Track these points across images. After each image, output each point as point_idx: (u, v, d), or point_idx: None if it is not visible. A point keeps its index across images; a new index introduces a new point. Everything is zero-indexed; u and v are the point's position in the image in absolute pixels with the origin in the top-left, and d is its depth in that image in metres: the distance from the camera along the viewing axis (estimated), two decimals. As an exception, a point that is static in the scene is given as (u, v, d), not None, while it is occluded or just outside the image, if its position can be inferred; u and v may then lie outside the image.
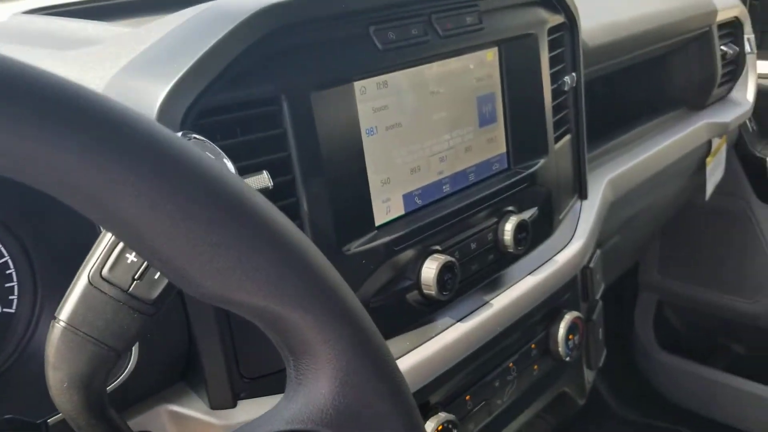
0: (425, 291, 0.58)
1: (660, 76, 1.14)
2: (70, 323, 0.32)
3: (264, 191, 0.49)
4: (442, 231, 0.61)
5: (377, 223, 0.57)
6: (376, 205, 0.57)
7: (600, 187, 0.86)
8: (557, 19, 0.74)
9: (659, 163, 1.00)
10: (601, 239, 1.00)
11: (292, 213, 0.51)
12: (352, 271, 0.54)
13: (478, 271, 0.65)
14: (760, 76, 1.32)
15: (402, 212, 0.60)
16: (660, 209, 1.22)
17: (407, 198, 0.60)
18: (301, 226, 0.51)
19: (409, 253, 0.58)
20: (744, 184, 1.33)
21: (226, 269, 0.25)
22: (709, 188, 1.17)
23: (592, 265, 0.78)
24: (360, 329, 0.28)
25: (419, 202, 0.61)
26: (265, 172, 0.48)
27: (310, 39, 0.52)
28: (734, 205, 1.36)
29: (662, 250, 1.48)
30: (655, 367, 1.53)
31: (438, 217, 0.60)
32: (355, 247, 0.54)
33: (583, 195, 0.82)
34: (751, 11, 1.29)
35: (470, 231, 0.64)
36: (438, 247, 0.60)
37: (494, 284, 0.67)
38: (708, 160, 1.16)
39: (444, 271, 0.58)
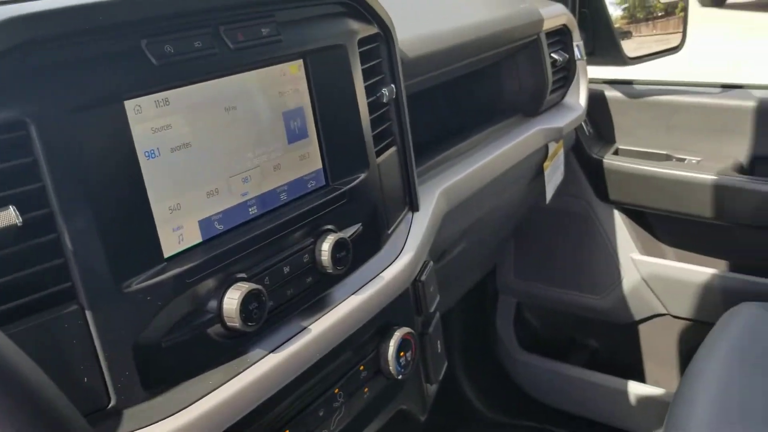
0: (228, 323, 0.54)
1: (494, 84, 1.16)
2: None
3: (12, 229, 0.43)
4: (249, 256, 0.57)
5: (166, 254, 0.52)
6: (163, 235, 0.52)
7: (433, 198, 0.85)
8: (369, 29, 0.72)
9: (495, 170, 1.01)
10: (444, 248, 1.00)
11: (54, 251, 0.45)
12: (135, 309, 0.49)
13: (295, 296, 0.62)
14: (591, 81, 1.39)
15: (199, 240, 0.55)
16: (505, 214, 1.25)
17: (205, 224, 0.56)
18: (65, 266, 0.46)
19: (208, 284, 0.54)
20: (584, 185, 1.39)
21: None
22: (549, 191, 1.21)
23: (423, 278, 0.77)
24: None
25: (220, 228, 0.57)
26: (11, 208, 0.43)
27: (69, 55, 0.46)
28: (577, 206, 1.41)
29: (517, 253, 1.52)
30: (518, 367, 1.56)
31: (242, 242, 0.56)
32: (138, 282, 0.49)
33: (414, 207, 0.81)
34: (581, 19, 1.35)
35: (283, 254, 0.60)
36: (243, 275, 0.56)
37: (314, 308, 0.63)
38: (545, 164, 1.19)
39: (248, 300, 0.54)
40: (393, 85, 0.75)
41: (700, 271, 1.31)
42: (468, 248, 1.13)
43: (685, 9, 1.54)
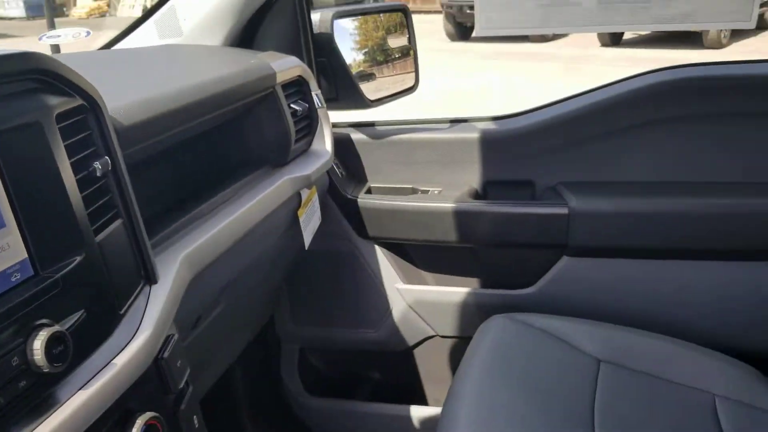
0: None
1: (237, 138, 1.16)
2: None
3: None
4: None
5: None
6: None
7: (174, 266, 0.82)
8: (71, 102, 0.68)
9: (245, 225, 1.01)
10: (198, 313, 0.97)
11: None
12: None
13: (6, 405, 0.55)
14: (338, 125, 1.45)
15: None
16: (267, 266, 1.24)
17: None
18: None
19: None
20: (345, 225, 1.44)
21: None
22: (307, 238, 1.23)
23: (166, 354, 0.73)
24: None
25: None
26: None
27: None
28: (342, 245, 1.46)
29: (292, 300, 1.53)
30: (308, 413, 1.56)
31: None
32: None
33: (151, 279, 0.77)
34: (321, 67, 1.41)
35: None
36: None
37: (34, 414, 0.57)
38: (300, 212, 1.21)
39: None
40: (107, 157, 0.72)
41: (456, 291, 1.41)
42: (231, 307, 1.11)
43: (414, 52, 1.69)
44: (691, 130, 1.28)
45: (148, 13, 1.33)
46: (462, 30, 10.72)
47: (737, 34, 9.08)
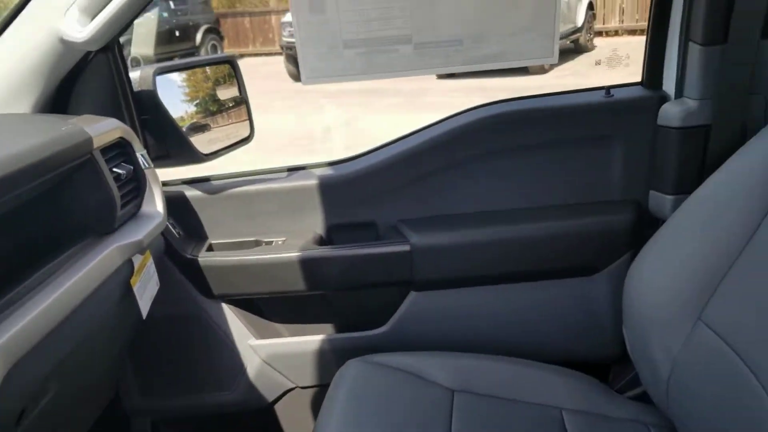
0: None
1: (57, 211, 1.08)
2: None
3: None
4: None
5: None
6: None
7: None
8: None
9: (67, 305, 0.93)
10: (22, 405, 0.88)
11: None
12: None
13: None
14: (169, 183, 1.40)
15: None
16: (103, 341, 1.16)
17: None
18: None
19: None
20: (187, 286, 1.38)
21: None
22: (144, 307, 1.17)
23: None
24: None
25: None
26: None
27: None
28: (187, 308, 1.40)
29: (137, 372, 1.44)
30: None
31: None
32: None
33: None
34: (146, 125, 1.35)
35: None
36: None
37: None
38: (133, 280, 1.15)
39: None
40: None
41: (310, 340, 1.40)
42: (65, 390, 1.02)
43: (246, 102, 1.67)
44: (512, 160, 1.36)
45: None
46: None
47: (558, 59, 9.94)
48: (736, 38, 1.15)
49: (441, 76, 9.74)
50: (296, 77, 10.97)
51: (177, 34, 11.85)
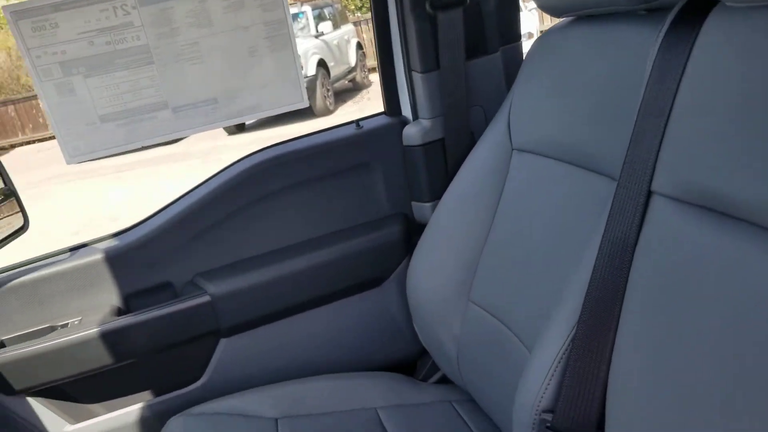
0: None
1: None
2: None
3: None
4: None
5: None
6: None
7: None
8: None
9: None
10: None
11: None
12: None
13: None
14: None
15: None
16: None
17: None
18: None
19: None
20: None
21: None
22: None
23: None
24: None
25: None
26: None
27: None
28: None
29: None
30: None
31: None
32: None
33: None
34: None
35: None
36: None
37: None
38: None
39: None
40: None
41: (130, 411, 1.40)
42: None
43: (16, 195, 1.63)
44: (288, 198, 1.48)
45: None
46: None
47: (341, 100, 10.45)
48: (446, 63, 1.37)
49: (231, 132, 9.78)
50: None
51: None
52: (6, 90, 14.18)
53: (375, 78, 12.86)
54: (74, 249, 1.43)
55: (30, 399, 1.36)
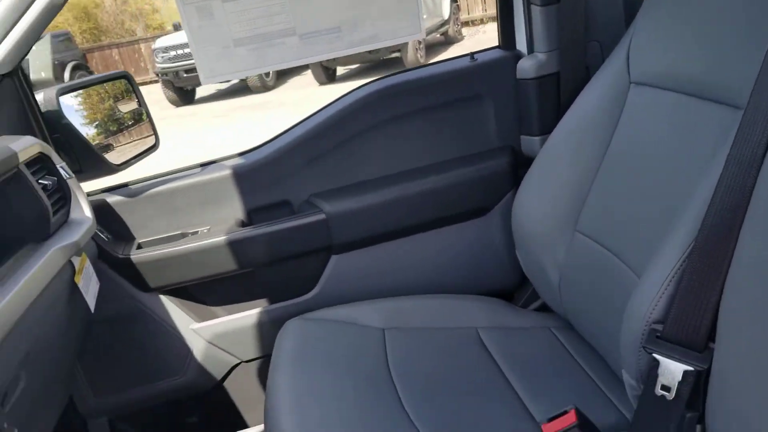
0: None
1: None
2: None
3: None
4: None
5: None
6: None
7: None
8: None
9: (23, 301, 1.02)
10: (6, 390, 0.97)
11: None
12: None
13: None
14: (90, 194, 1.49)
15: None
16: (59, 338, 1.24)
17: None
18: None
19: None
20: (124, 284, 1.48)
21: None
22: (91, 302, 1.26)
23: None
24: None
25: None
26: None
27: None
28: (126, 305, 1.49)
29: (88, 374, 1.51)
30: None
31: None
32: None
33: None
34: (58, 144, 1.43)
35: None
36: None
37: None
38: (77, 278, 1.24)
39: None
40: None
41: (247, 315, 1.53)
42: (32, 383, 1.11)
43: (148, 114, 1.77)
44: (399, 128, 1.55)
45: None
46: (184, 94, 10.71)
47: (432, 53, 10.38)
48: None
49: (322, 82, 9.94)
50: (176, 102, 10.78)
51: (43, 75, 11.37)
52: (111, 34, 14.83)
53: (467, 31, 12.64)
54: (205, 165, 1.55)
55: (162, 297, 1.51)
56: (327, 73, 9.96)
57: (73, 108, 1.57)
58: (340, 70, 10.62)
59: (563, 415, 0.96)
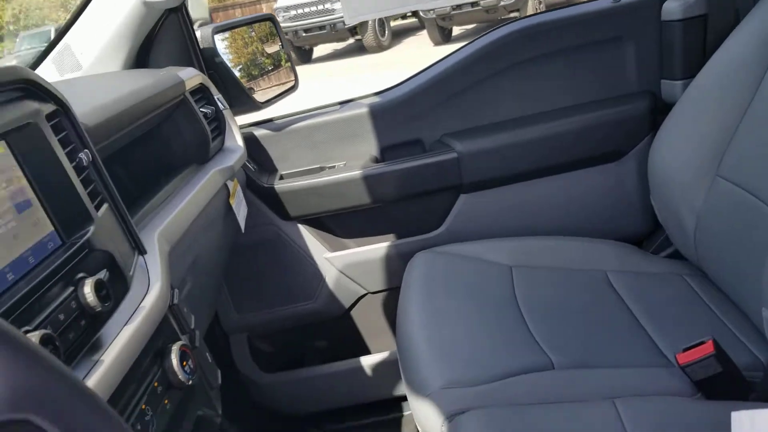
0: None
1: (163, 143, 1.29)
2: None
3: None
4: (22, 315, 0.62)
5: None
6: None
7: (154, 241, 0.95)
8: (49, 107, 0.80)
9: (194, 210, 1.14)
10: (175, 284, 1.09)
11: None
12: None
13: (77, 339, 0.67)
14: (242, 126, 1.60)
15: (-29, 309, 0.58)
16: (215, 252, 1.37)
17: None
18: None
19: None
20: (267, 212, 1.59)
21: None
22: (241, 222, 1.37)
23: (176, 302, 0.86)
24: None
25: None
26: None
27: None
28: (268, 232, 1.60)
29: (232, 294, 1.65)
30: (269, 392, 1.68)
31: (10, 306, 0.61)
32: None
33: (141, 251, 0.90)
34: (212, 80, 1.55)
35: (52, 306, 0.66)
36: (27, 327, 0.61)
37: (97, 344, 0.69)
38: (231, 200, 1.35)
39: (44, 343, 0.59)
40: (86, 150, 0.84)
41: (377, 248, 1.60)
42: (194, 288, 1.23)
43: (289, 57, 1.87)
44: (534, 69, 1.55)
45: (42, 55, 1.42)
46: (302, 53, 10.96)
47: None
48: None
49: (437, 42, 9.89)
50: (294, 62, 11.07)
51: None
52: (234, -6, 15.34)
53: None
54: (343, 103, 1.63)
55: (300, 226, 1.61)
56: (442, 34, 9.88)
57: (224, 46, 1.68)
58: (456, 31, 10.50)
59: (699, 346, 0.97)
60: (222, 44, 1.69)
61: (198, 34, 1.56)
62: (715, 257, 1.23)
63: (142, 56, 1.47)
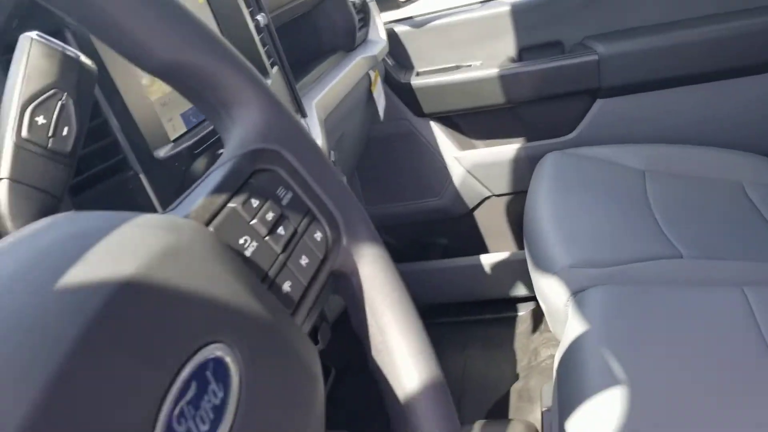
0: None
1: (312, 29, 1.36)
2: (13, 177, 0.36)
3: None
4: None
5: (171, 137, 0.64)
6: (164, 124, 0.64)
7: (313, 107, 1.03)
8: None
9: (341, 92, 1.21)
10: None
11: (103, 130, 0.56)
12: (167, 171, 0.61)
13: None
14: (386, 22, 1.65)
15: (184, 129, 0.68)
16: (355, 135, 1.45)
17: (184, 117, 0.68)
18: (114, 139, 0.57)
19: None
20: (401, 107, 1.64)
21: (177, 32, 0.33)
22: (380, 110, 1.44)
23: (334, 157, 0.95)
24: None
25: (194, 120, 0.70)
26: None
27: None
28: (400, 126, 1.66)
29: (363, 185, 1.74)
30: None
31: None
32: (163, 153, 0.61)
33: (303, 114, 0.98)
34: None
35: None
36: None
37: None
38: (372, 88, 1.41)
39: None
40: (263, 14, 0.92)
41: (506, 149, 1.63)
42: (337, 161, 1.32)
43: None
44: None
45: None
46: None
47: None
48: None
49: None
50: None
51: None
52: None
53: None
54: (484, 1, 1.63)
55: (432, 122, 1.66)
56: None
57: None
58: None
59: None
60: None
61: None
62: None
63: None
